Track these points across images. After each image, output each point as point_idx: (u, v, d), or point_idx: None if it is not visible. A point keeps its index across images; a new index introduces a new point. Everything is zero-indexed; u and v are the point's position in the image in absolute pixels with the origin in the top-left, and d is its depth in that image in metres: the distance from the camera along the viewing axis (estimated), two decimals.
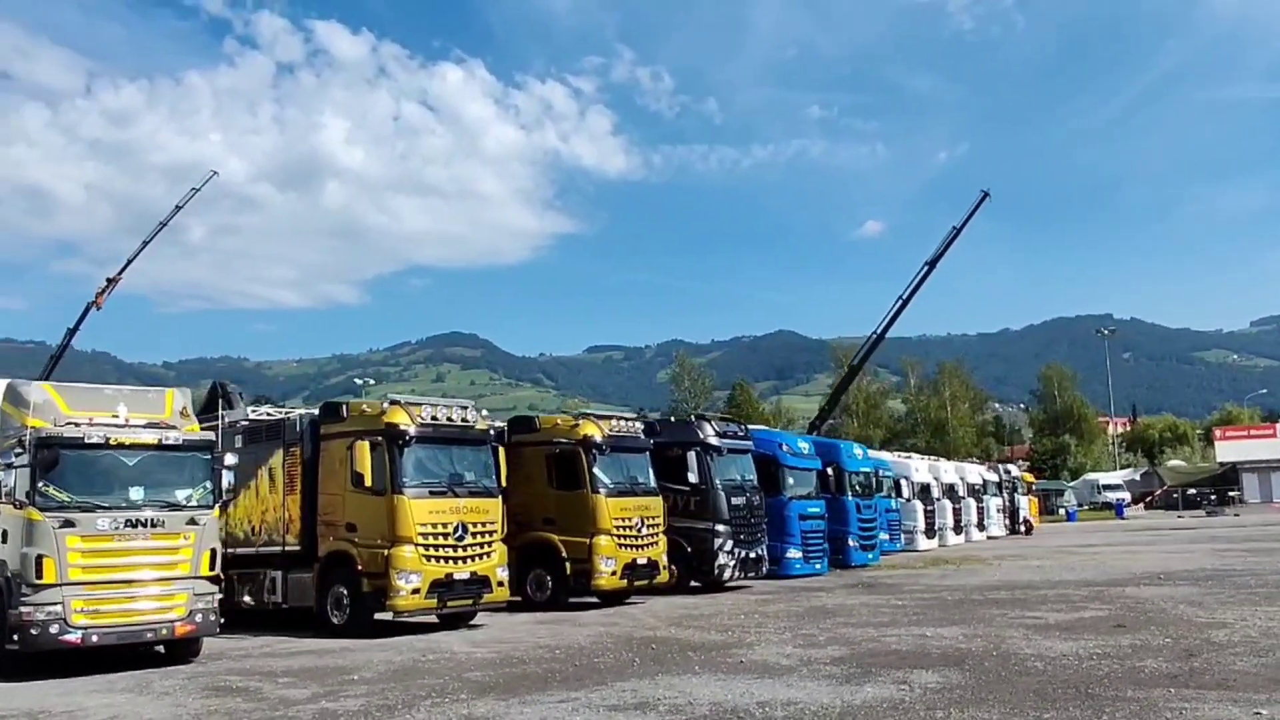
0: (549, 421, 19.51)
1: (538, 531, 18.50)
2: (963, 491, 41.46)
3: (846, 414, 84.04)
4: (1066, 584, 19.74)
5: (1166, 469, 73.36)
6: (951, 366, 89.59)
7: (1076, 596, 17.12)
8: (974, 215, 47.77)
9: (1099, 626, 13.01)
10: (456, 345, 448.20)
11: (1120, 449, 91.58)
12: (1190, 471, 71.21)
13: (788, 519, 23.97)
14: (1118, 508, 61.59)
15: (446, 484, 15.42)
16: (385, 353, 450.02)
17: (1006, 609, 15.55)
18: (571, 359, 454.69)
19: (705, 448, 21.10)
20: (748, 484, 21.96)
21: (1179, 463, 77.41)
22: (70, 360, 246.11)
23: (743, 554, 21.20)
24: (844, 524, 27.03)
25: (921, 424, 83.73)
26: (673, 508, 21.10)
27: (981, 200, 47.75)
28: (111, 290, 62.11)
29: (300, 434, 16.38)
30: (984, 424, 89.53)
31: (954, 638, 12.43)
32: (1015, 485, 49.04)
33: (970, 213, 47.81)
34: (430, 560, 14.91)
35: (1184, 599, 16.01)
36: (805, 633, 13.55)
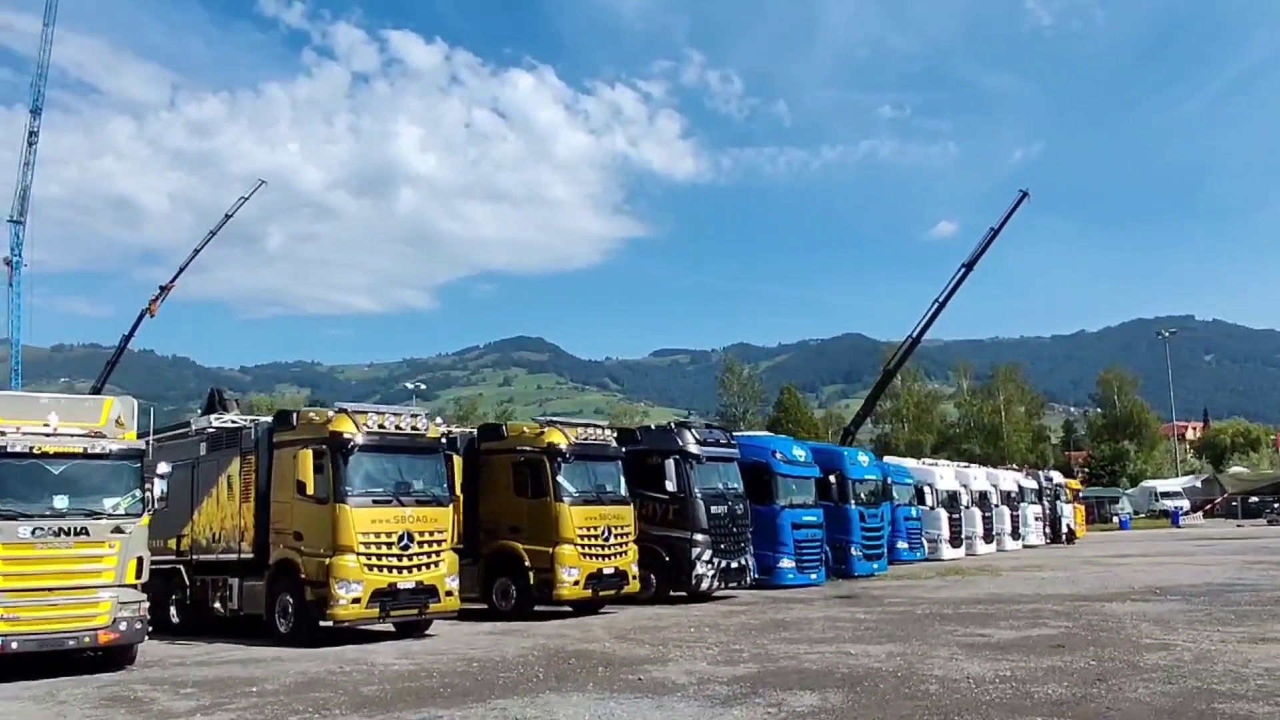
0: (516, 429, 19.42)
1: (504, 540, 18.42)
2: (996, 499, 40.42)
3: (897, 419, 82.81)
4: (1052, 598, 19.02)
5: (1228, 476, 70.55)
6: (1006, 370, 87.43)
7: (1048, 612, 16.46)
8: (1012, 215, 46.31)
9: (1036, 646, 12.45)
10: (523, 349, 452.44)
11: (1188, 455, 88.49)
12: (1253, 479, 68.38)
13: (780, 528, 23.54)
14: (1174, 516, 59.45)
15: (392, 493, 15.38)
16: (453, 357, 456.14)
17: (965, 625, 15.00)
18: (637, 363, 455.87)
19: (684, 455, 20.83)
20: (730, 492, 21.60)
21: (1241, 469, 74.43)
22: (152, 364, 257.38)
23: (723, 564, 20.85)
24: (846, 533, 26.44)
25: (974, 429, 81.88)
26: (652, 516, 20.92)
27: (1020, 200, 46.34)
28: (164, 297, 63.81)
29: (255, 442, 16.51)
30: (1040, 429, 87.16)
31: (878, 656, 11.99)
32: (1058, 493, 47.62)
33: (1008, 213, 46.39)
34: (372, 570, 14.88)
35: (1155, 617, 15.28)
36: (734, 649, 13.20)
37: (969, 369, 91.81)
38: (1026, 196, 46.31)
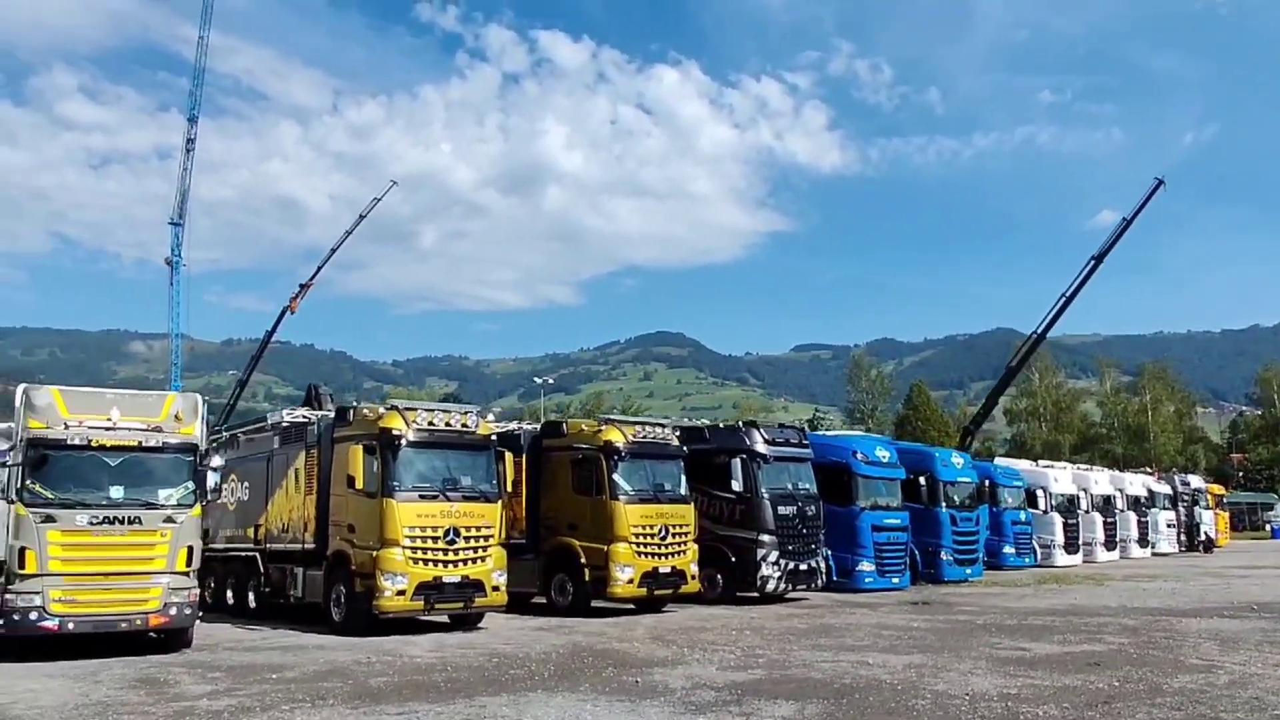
0: (575, 426, 19.59)
1: (563, 537, 18.64)
2: (1121, 504, 38.47)
3: (1034, 418, 79.50)
4: (1135, 611, 17.97)
5: None
6: (1154, 367, 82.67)
7: (1115, 626, 15.55)
8: (1147, 204, 43.92)
9: (1070, 663, 11.78)
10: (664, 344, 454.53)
11: None
12: None
13: (859, 530, 23.04)
14: None
15: (439, 488, 15.77)
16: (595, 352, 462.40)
17: (1015, 637, 14.32)
18: (778, 358, 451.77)
19: (751, 455, 20.61)
20: (801, 493, 21.24)
21: None
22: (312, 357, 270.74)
23: (791, 565, 20.55)
24: (936, 536, 25.65)
25: (1118, 429, 77.76)
26: (719, 516, 20.82)
27: (1155, 188, 43.82)
28: (304, 295, 66.79)
29: (318, 437, 17.19)
30: (1192, 430, 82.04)
31: (894, 667, 11.59)
32: (1195, 498, 44.89)
33: (1143, 202, 43.97)
34: (418, 563, 15.30)
35: (1228, 635, 14.24)
36: (758, 654, 12.98)
37: (1114, 366, 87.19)
38: (1162, 184, 43.80)
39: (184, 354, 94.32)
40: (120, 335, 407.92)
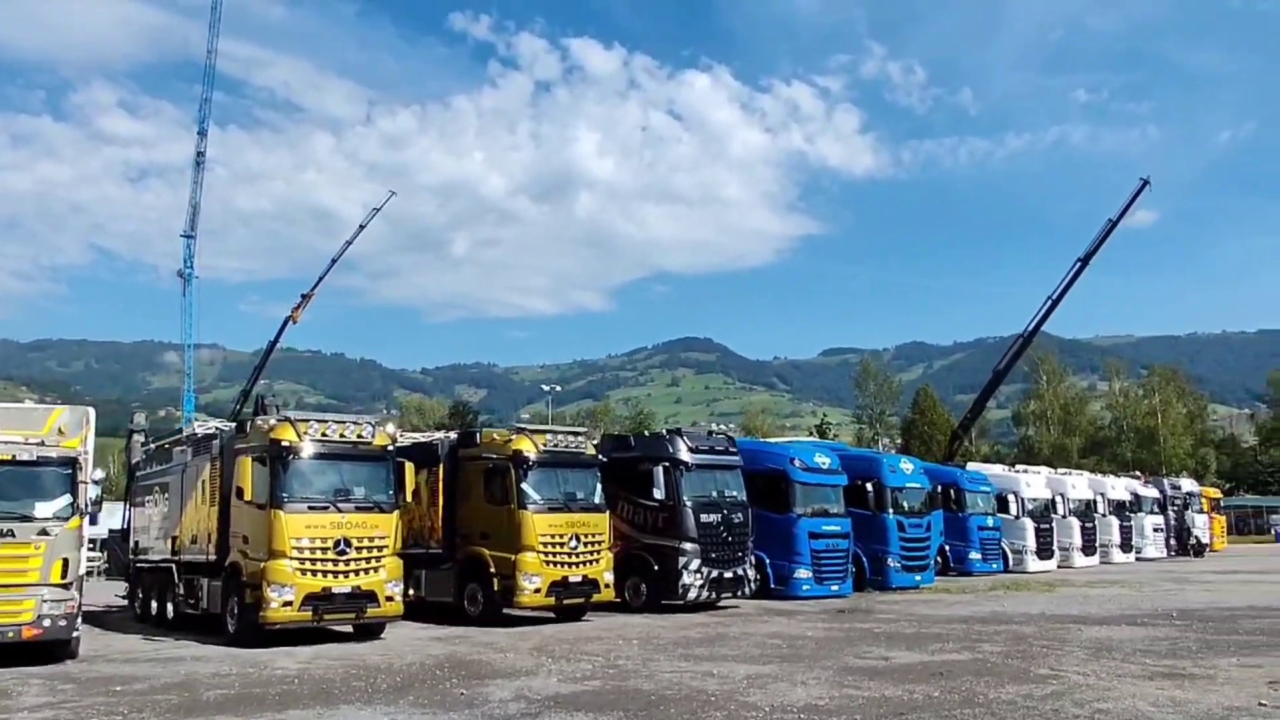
0: (488, 436, 19.59)
1: (475, 546, 18.67)
2: (1103, 509, 37.97)
3: (1041, 420, 78.60)
4: (1047, 619, 17.71)
5: None
6: (1164, 369, 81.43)
7: (1006, 635, 15.30)
8: (1132, 205, 43.51)
9: (915, 673, 11.60)
10: (692, 350, 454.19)
11: None
12: None
13: (796, 537, 22.89)
14: None
15: (329, 499, 15.85)
16: (623, 358, 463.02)
17: (894, 646, 14.13)
18: (806, 362, 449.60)
19: (674, 463, 20.51)
20: (727, 500, 21.11)
21: None
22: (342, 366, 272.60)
23: (714, 573, 20.41)
24: (883, 543, 25.43)
25: (1127, 432, 76.66)
26: (643, 524, 20.78)
27: (1141, 188, 43.38)
28: (307, 305, 67.41)
29: (221, 449, 17.35)
30: (1204, 432, 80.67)
31: (732, 678, 11.47)
32: (1187, 502, 44.16)
33: (1128, 203, 43.58)
34: (306, 574, 15.38)
35: (1113, 644, 13.96)
36: (617, 664, 12.91)
37: (1122, 369, 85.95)
38: (1147, 184, 43.32)
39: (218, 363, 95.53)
40: (154, 346, 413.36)
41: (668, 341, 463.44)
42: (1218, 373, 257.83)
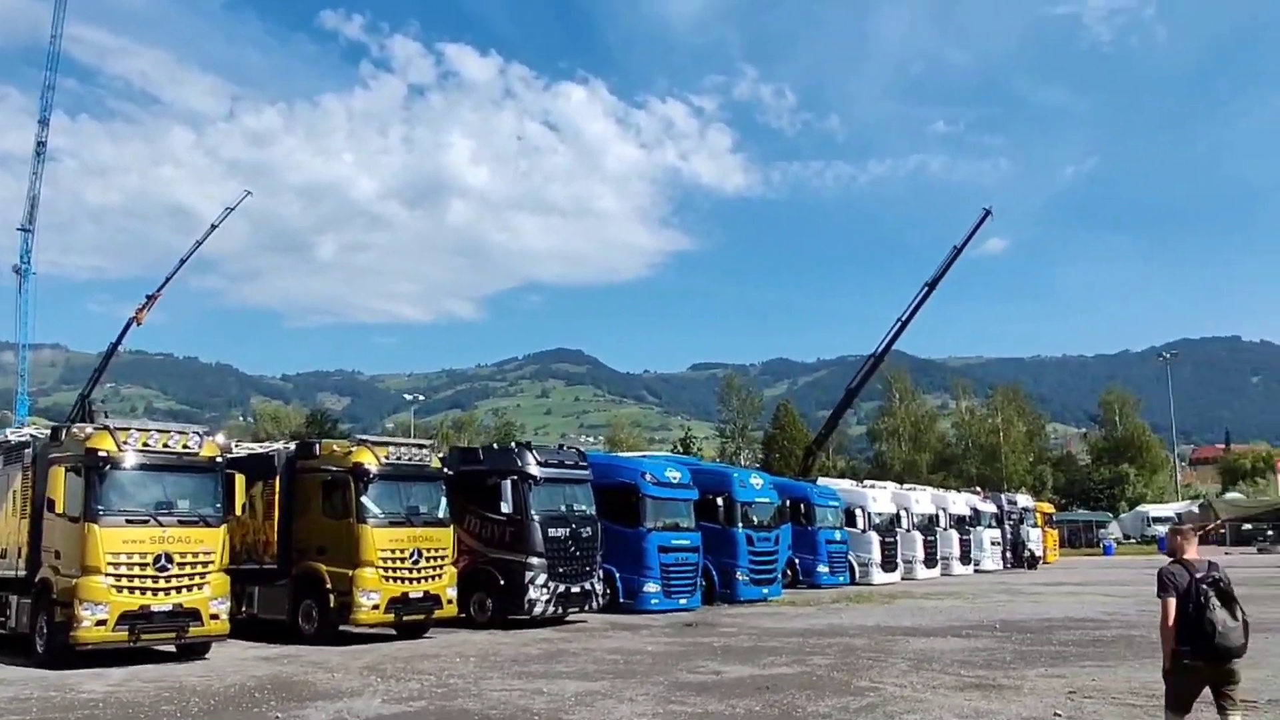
0: (328, 447, 19.01)
1: (311, 561, 18.04)
2: (944, 523, 39.45)
3: (894, 437, 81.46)
4: (879, 630, 18.27)
5: (1222, 502, 68.27)
6: (1006, 389, 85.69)
7: (838, 647, 15.70)
8: (975, 234, 45.68)
9: (743, 687, 11.77)
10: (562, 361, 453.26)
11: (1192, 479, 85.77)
12: (1248, 505, 66.11)
13: (646, 551, 22.95)
14: (1160, 542, 57.47)
15: (149, 512, 15.07)
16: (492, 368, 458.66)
17: (722, 661, 14.32)
18: (675, 376, 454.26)
19: (522, 476, 20.32)
20: (576, 514, 21.04)
21: (1238, 495, 72.00)
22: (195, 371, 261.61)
23: (561, 588, 20.30)
24: (733, 557, 25.76)
25: (973, 449, 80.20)
26: (490, 538, 20.53)
27: (983, 218, 45.58)
28: (153, 306, 64.61)
29: (34, 458, 16.30)
30: (1042, 450, 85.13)
31: (560, 696, 11.41)
32: (1022, 516, 46.36)
33: (971, 231, 45.72)
34: (123, 591, 14.58)
35: (928, 656, 14.48)
36: (447, 683, 12.68)
37: (967, 388, 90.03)
38: (989, 215, 45.53)
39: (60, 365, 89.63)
40: None
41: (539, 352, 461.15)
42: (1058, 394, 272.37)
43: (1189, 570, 6.74)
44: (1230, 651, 6.59)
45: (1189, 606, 6.59)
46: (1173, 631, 6.70)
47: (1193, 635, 6.58)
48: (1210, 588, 6.60)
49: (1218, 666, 6.67)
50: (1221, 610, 6.55)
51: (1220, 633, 6.51)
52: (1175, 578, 6.76)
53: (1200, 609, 6.54)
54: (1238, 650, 6.62)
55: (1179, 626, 6.66)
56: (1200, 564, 6.78)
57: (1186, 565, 6.80)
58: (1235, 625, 6.56)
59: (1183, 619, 6.63)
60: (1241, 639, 6.60)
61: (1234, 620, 6.56)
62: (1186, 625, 6.60)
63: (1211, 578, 6.66)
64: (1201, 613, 6.54)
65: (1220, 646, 6.55)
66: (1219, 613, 6.53)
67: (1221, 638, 6.52)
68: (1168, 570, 6.88)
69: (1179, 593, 6.68)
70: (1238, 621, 6.57)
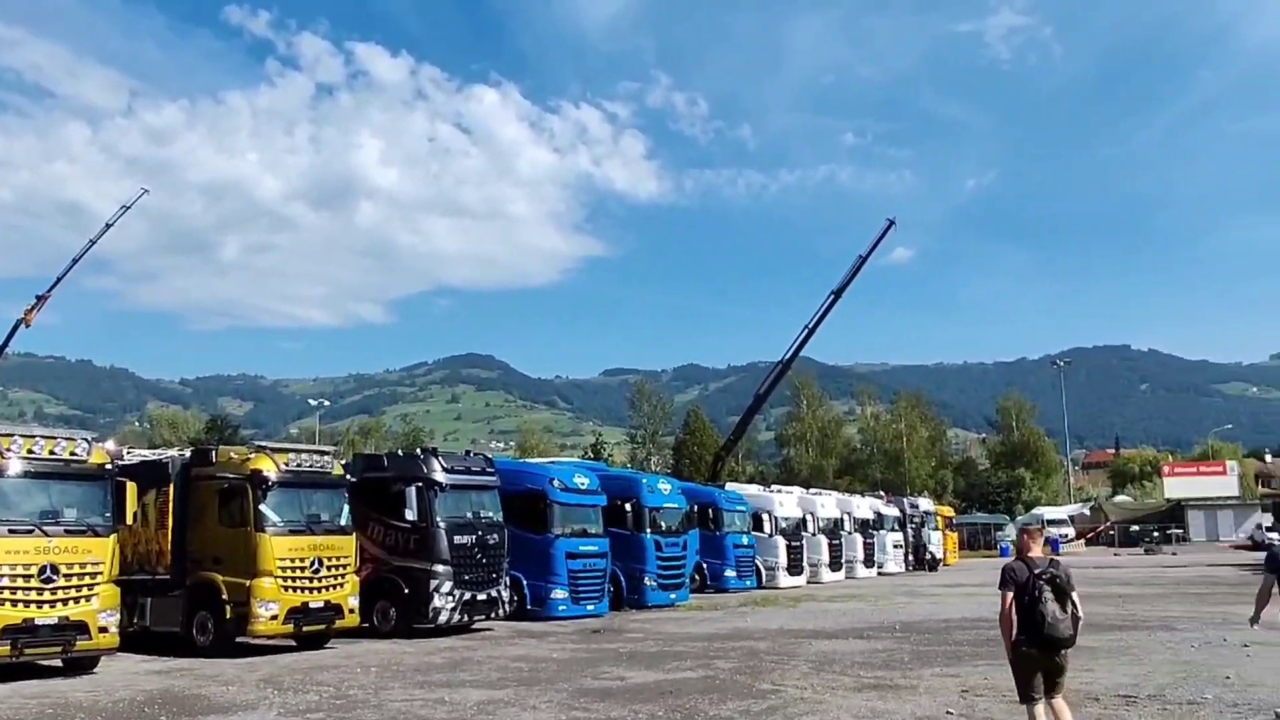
0: (225, 454, 18.54)
1: (206, 571, 17.53)
2: (849, 526, 40.21)
3: (801, 443, 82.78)
4: (784, 634, 18.54)
5: (1112, 504, 71.19)
6: (910, 395, 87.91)
7: (741, 651, 15.89)
8: (879, 244, 46.79)
9: (646, 693, 11.82)
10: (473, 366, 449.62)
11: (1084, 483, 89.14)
12: (1135, 508, 69.07)
13: (553, 558, 22.90)
14: (1053, 544, 59.62)
15: (34, 522, 14.46)
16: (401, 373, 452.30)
17: (627, 666, 14.36)
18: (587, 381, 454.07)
19: (428, 483, 20.07)
20: (483, 521, 20.87)
21: (1126, 498, 75.21)
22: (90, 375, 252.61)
23: (468, 596, 20.10)
24: (641, 562, 25.87)
25: (877, 454, 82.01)
26: (394, 546, 20.22)
27: (887, 229, 46.72)
28: (42, 306, 62.15)
29: None
30: (943, 455, 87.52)
31: (462, 705, 11.31)
32: (923, 520, 47.56)
33: (875, 241, 46.85)
34: (5, 604, 13.89)
35: (829, 657, 14.75)
36: (346, 695, 12.45)
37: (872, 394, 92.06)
38: (893, 225, 46.65)
39: None
40: None
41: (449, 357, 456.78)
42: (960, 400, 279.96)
43: (1029, 567, 7.23)
44: (1059, 641, 7.10)
45: (1025, 599, 7.09)
46: (1010, 623, 7.20)
47: (1027, 625, 7.08)
48: (1046, 583, 7.09)
49: (1049, 655, 7.17)
50: (1053, 604, 7.03)
51: (1049, 623, 7.01)
52: (1015, 573, 7.26)
53: (1035, 601, 7.04)
54: (1066, 640, 7.12)
55: (1017, 617, 7.15)
56: (1041, 561, 7.29)
57: (1028, 562, 7.28)
58: (1064, 618, 7.05)
59: (1020, 610, 7.13)
60: (1070, 630, 7.10)
61: (1063, 613, 7.06)
62: (1023, 616, 7.11)
63: (1049, 574, 7.15)
64: (1035, 605, 7.03)
65: (1049, 636, 7.04)
66: (1051, 605, 7.01)
67: (1050, 628, 7.02)
68: (1009, 566, 7.40)
69: (1017, 586, 7.18)
70: (1066, 615, 7.07)
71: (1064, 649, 7.18)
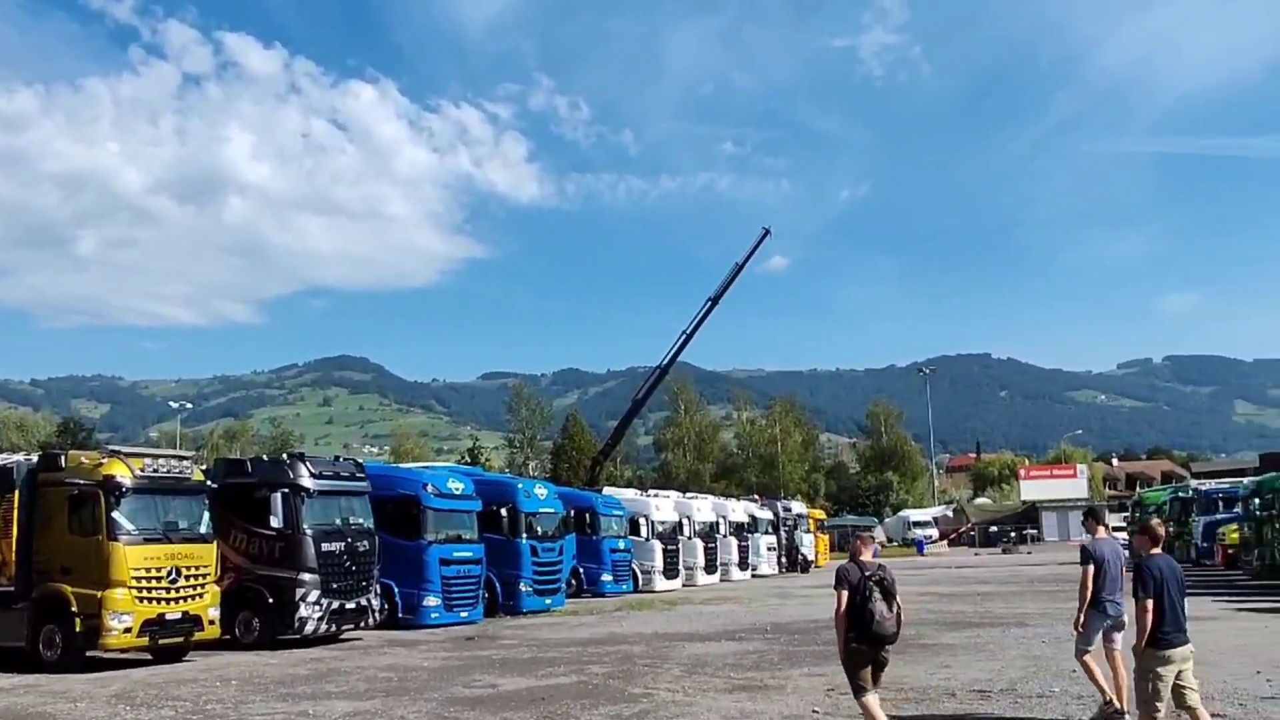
0: (75, 459, 17.56)
1: (54, 582, 16.58)
2: (724, 530, 40.73)
3: (679, 448, 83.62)
4: (659, 638, 18.64)
5: (973, 506, 74.34)
6: (784, 401, 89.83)
7: (616, 655, 15.91)
8: (755, 252, 47.64)
9: (517, 700, 11.72)
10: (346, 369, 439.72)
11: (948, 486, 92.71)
12: (994, 510, 72.28)
13: (426, 564, 22.45)
14: (918, 545, 61.90)
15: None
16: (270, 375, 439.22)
17: (499, 674, 14.22)
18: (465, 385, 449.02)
19: (294, 489, 19.45)
20: (352, 528, 20.35)
21: (986, 501, 78.63)
22: None
23: (336, 605, 19.56)
24: (516, 568, 25.64)
25: (753, 458, 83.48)
26: (259, 555, 19.52)
27: (763, 237, 47.61)
28: None
29: None
30: (816, 459, 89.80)
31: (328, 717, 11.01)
32: (796, 523, 48.57)
33: (752, 249, 47.68)
34: None
35: (702, 660, 14.92)
36: (201, 709, 11.96)
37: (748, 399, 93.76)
38: (768, 234, 47.55)
39: None
40: None
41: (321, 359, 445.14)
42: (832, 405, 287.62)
43: (861, 569, 7.80)
44: (884, 638, 7.71)
45: (857, 599, 7.66)
46: (844, 620, 7.74)
47: (858, 623, 7.65)
48: (875, 585, 7.68)
49: (876, 650, 7.78)
50: (881, 603, 7.63)
51: (877, 621, 7.60)
52: (849, 574, 7.83)
53: (865, 601, 7.62)
54: (890, 637, 7.75)
55: (849, 616, 7.70)
56: (871, 564, 7.91)
57: (860, 564, 7.87)
58: (890, 616, 7.67)
59: (851, 609, 7.69)
60: (894, 628, 7.72)
61: (889, 612, 7.67)
62: (854, 614, 7.68)
63: (878, 576, 7.76)
64: (865, 604, 7.62)
65: (877, 633, 7.63)
66: (879, 605, 7.61)
67: (878, 626, 7.61)
68: (843, 568, 7.98)
69: (850, 587, 7.74)
70: (892, 614, 7.68)
71: (889, 645, 7.79)
